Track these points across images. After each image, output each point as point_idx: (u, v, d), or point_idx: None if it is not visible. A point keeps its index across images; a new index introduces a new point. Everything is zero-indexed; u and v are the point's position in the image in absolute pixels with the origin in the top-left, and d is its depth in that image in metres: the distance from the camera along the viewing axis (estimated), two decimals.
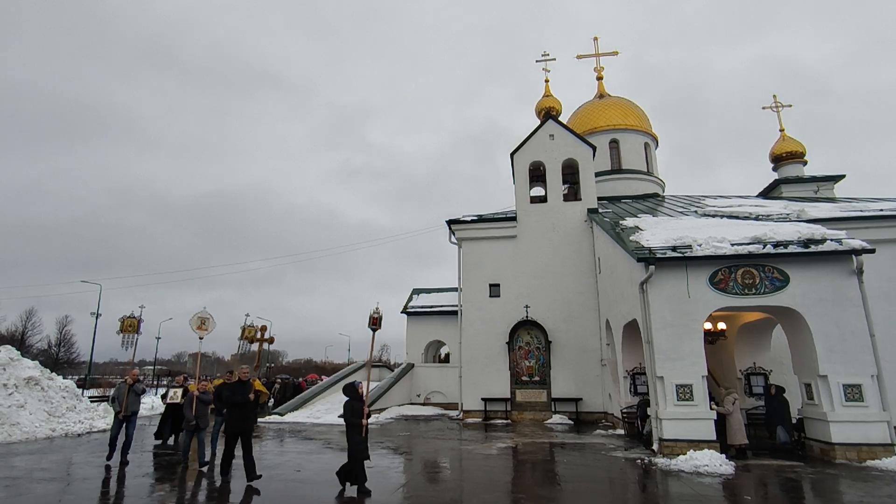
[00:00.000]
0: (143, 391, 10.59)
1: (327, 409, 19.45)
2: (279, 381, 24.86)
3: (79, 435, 13.97)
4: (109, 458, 9.56)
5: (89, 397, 20.97)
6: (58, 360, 47.26)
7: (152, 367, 55.86)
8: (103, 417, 15.95)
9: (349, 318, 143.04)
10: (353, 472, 7.45)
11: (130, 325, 11.40)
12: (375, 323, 9.02)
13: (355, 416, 7.54)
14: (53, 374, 16.64)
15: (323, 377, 31.27)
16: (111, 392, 12.03)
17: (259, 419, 17.37)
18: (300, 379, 30.24)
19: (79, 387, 19.90)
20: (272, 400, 21.08)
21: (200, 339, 10.63)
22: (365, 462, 7.65)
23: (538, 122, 23.06)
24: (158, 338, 53.62)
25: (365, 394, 7.99)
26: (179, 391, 12.88)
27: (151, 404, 20.39)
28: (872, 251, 11.03)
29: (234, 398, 8.37)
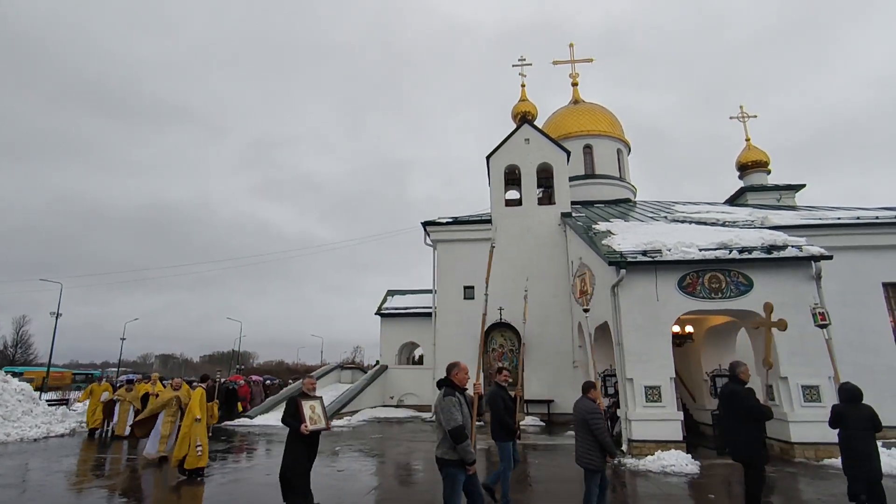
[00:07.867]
0: None
1: None
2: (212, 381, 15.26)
3: (35, 440, 13.38)
4: None
5: (47, 401, 20.15)
6: (14, 361, 45.26)
7: (116, 370, 53.98)
8: (61, 422, 15.32)
9: (316, 321, 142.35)
10: None
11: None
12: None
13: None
14: (9, 375, 15.92)
15: (252, 377, 28.84)
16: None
17: (227, 422, 16.98)
18: (237, 385, 21.30)
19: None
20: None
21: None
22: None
23: (505, 128, 23.30)
24: (123, 339, 52.06)
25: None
26: (317, 404, 6.82)
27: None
28: (830, 257, 11.54)
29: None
